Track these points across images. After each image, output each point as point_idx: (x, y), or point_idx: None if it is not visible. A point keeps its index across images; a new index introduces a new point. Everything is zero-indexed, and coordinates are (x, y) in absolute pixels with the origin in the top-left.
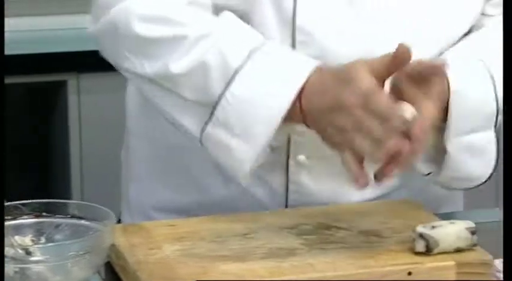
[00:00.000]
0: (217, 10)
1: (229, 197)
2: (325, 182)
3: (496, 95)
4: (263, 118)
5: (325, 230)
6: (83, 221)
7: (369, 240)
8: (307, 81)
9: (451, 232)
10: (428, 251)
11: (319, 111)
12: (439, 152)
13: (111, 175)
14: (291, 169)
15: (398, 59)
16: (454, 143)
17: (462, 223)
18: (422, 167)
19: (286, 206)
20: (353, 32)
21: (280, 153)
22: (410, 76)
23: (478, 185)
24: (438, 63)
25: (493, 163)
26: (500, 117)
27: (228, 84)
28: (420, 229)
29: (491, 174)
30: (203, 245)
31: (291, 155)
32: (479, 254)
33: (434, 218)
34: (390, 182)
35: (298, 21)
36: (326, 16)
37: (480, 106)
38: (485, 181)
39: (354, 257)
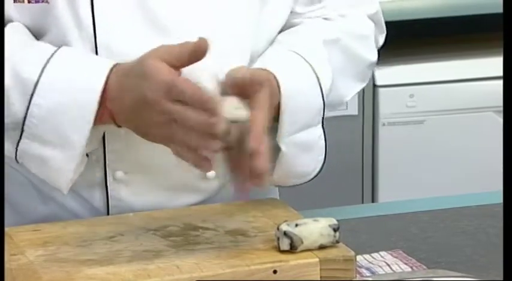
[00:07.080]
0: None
1: (51, 215)
2: (146, 195)
3: (321, 91)
4: (74, 123)
5: (192, 231)
6: None
7: (235, 239)
8: (107, 82)
9: (315, 230)
10: (292, 248)
11: (125, 111)
12: (271, 151)
13: None
14: (110, 185)
15: (195, 53)
16: (287, 143)
17: (325, 220)
18: None
19: None
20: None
21: (98, 170)
22: (235, 85)
23: (307, 181)
24: (261, 79)
25: (321, 157)
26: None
27: (30, 98)
28: (284, 227)
29: (321, 169)
30: (68, 249)
31: (109, 172)
32: (342, 251)
33: (298, 216)
34: (212, 186)
35: (99, 37)
36: (125, 31)
37: (309, 104)
38: (314, 177)
39: (221, 257)
